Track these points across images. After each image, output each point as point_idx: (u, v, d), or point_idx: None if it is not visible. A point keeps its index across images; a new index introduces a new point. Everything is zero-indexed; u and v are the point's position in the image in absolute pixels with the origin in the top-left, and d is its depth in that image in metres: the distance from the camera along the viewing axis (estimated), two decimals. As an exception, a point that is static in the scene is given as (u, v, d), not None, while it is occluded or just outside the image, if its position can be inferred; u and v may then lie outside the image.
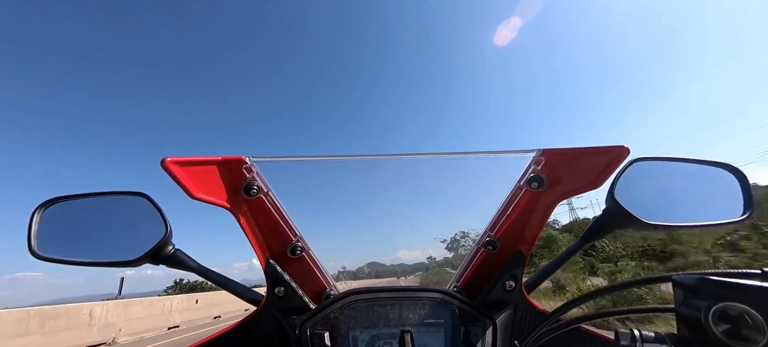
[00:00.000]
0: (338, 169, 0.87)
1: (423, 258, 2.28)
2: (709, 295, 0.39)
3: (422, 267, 2.36)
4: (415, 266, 2.31)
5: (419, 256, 2.23)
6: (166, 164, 0.65)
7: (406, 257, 2.09)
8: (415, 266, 2.31)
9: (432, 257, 2.19)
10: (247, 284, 0.86)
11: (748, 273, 0.43)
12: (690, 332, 0.41)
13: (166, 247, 0.70)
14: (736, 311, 0.36)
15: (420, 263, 2.33)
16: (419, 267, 2.36)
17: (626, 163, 0.68)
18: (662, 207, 0.69)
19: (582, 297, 0.59)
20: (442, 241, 1.94)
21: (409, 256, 2.07)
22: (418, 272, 2.37)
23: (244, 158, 0.72)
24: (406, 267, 2.23)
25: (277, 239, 0.79)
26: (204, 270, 0.77)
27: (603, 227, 0.70)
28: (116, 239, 0.74)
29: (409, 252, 1.92)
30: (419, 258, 2.27)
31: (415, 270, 2.34)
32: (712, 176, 0.71)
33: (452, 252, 1.97)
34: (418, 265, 2.33)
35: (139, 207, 0.71)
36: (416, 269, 2.35)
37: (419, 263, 2.33)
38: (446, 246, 2.04)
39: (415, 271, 2.34)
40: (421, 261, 2.30)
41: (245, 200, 0.74)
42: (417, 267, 2.34)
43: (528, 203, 0.76)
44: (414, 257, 2.15)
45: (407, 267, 2.23)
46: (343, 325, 0.71)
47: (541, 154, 0.73)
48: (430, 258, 2.24)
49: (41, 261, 0.69)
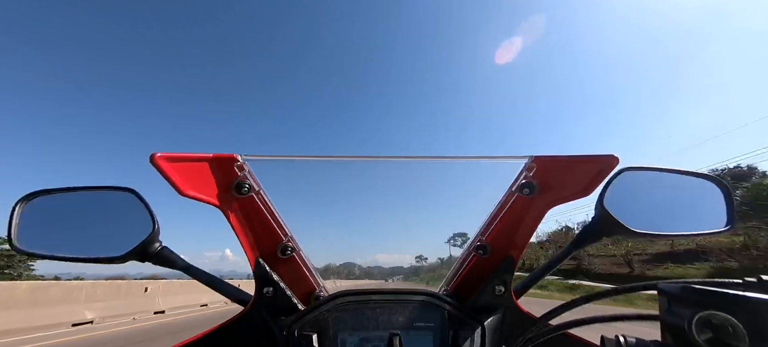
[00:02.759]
0: (332, 169, 0.86)
1: (413, 260, 2.30)
2: (693, 304, 0.40)
3: (412, 269, 2.39)
4: (405, 267, 2.33)
5: (409, 258, 2.25)
6: (156, 159, 0.63)
7: (395, 259, 2.11)
8: (405, 267, 2.33)
9: (421, 256, 2.21)
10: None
11: (730, 283, 0.44)
12: (674, 339, 0.42)
13: (152, 244, 0.69)
14: (719, 320, 0.37)
15: (410, 264, 2.36)
16: (409, 269, 2.38)
17: (615, 172, 0.69)
18: (649, 216, 0.71)
19: (569, 303, 0.60)
20: (431, 243, 1.96)
21: (398, 258, 2.08)
22: (408, 273, 2.39)
23: (236, 155, 0.71)
24: (395, 269, 2.25)
25: (267, 239, 0.79)
26: (191, 269, 0.75)
27: (592, 234, 0.71)
28: (102, 235, 0.72)
29: (400, 254, 1.94)
30: (409, 260, 2.29)
31: (404, 271, 2.36)
32: (697, 187, 0.73)
33: (443, 254, 1.98)
34: (408, 266, 2.36)
35: (126, 203, 0.70)
36: (406, 270, 2.38)
37: (409, 264, 2.35)
38: (436, 248, 2.06)
39: (405, 272, 2.37)
40: (411, 262, 2.32)
41: (236, 198, 0.73)
42: (407, 269, 2.36)
43: (519, 209, 0.77)
44: (404, 258, 2.17)
45: (396, 269, 2.25)
46: (331, 327, 0.71)
47: (533, 161, 0.73)
48: (420, 257, 2.26)
49: (23, 255, 0.67)
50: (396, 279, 2.32)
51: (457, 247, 1.52)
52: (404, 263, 6.16)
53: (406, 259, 4.51)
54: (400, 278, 2.21)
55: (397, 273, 2.35)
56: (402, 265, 3.68)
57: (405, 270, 2.51)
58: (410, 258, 4.04)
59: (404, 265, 3.59)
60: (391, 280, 2.30)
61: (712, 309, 0.38)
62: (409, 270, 2.89)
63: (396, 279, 2.49)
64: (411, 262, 4.57)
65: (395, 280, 2.36)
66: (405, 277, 2.34)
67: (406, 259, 4.51)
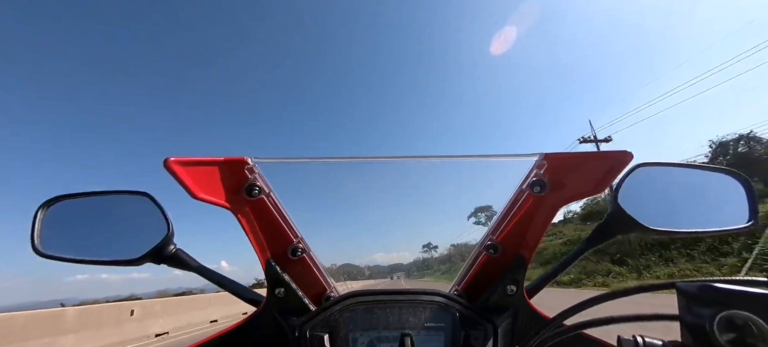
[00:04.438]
0: (341, 171, 0.87)
1: (422, 259, 2.30)
2: (713, 303, 0.38)
3: (422, 267, 2.38)
4: (415, 266, 2.32)
5: (419, 257, 2.25)
6: (169, 163, 0.65)
7: (405, 258, 2.10)
8: (416, 266, 2.33)
9: (431, 244, 2.19)
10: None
11: (751, 281, 0.42)
12: (694, 340, 0.40)
13: (167, 246, 0.70)
14: (741, 319, 0.36)
15: (420, 263, 2.35)
16: (420, 267, 2.37)
17: (629, 168, 0.68)
18: (666, 213, 0.69)
19: (584, 302, 0.59)
20: (442, 241, 1.95)
21: (407, 257, 2.08)
22: (419, 271, 2.39)
23: (247, 158, 0.72)
24: (404, 267, 2.24)
25: (278, 241, 0.79)
26: (204, 270, 0.77)
27: (606, 232, 0.70)
28: (118, 239, 0.74)
29: (410, 254, 1.93)
30: (418, 259, 2.29)
31: (415, 269, 2.35)
32: (715, 182, 0.71)
33: (453, 253, 1.97)
34: (419, 266, 2.35)
35: (142, 207, 0.71)
36: (417, 269, 2.37)
37: (420, 263, 2.35)
38: (446, 248, 2.05)
39: (416, 271, 2.36)
40: (421, 261, 2.32)
41: (247, 201, 0.74)
42: (418, 267, 2.35)
43: (530, 207, 0.76)
44: (413, 257, 2.16)
45: (405, 267, 2.24)
46: (342, 327, 0.71)
47: (544, 158, 0.72)
48: (428, 246, 2.25)
49: (43, 258, 0.69)
50: (407, 278, 2.24)
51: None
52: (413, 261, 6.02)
53: (416, 257, 4.41)
54: (411, 276, 2.14)
55: (403, 269, 2.26)
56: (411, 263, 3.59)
57: (415, 267, 2.43)
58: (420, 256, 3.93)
59: (413, 263, 3.50)
60: (402, 280, 2.24)
61: (733, 308, 0.36)
62: (420, 263, 2.78)
63: (407, 276, 2.42)
64: (420, 260, 4.44)
65: (407, 279, 2.29)
66: (415, 275, 2.26)
67: (416, 257, 4.41)
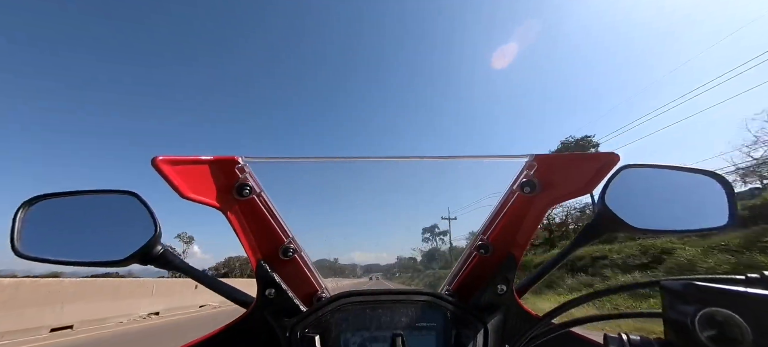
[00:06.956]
0: (333, 171, 0.86)
1: (412, 254, 2.31)
2: (695, 300, 0.40)
3: (412, 267, 2.38)
4: (405, 265, 2.33)
5: (408, 256, 2.26)
6: (157, 162, 0.63)
7: (395, 257, 2.11)
8: (406, 265, 2.33)
9: (419, 251, 2.21)
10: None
11: (732, 279, 0.44)
12: (677, 337, 0.42)
13: (154, 247, 0.69)
14: (722, 316, 0.37)
15: (410, 262, 2.36)
16: (410, 267, 2.38)
17: (616, 169, 0.69)
18: (650, 213, 0.71)
19: (572, 301, 0.60)
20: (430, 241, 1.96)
21: (398, 256, 2.08)
22: (409, 271, 2.39)
23: (237, 157, 0.71)
24: (394, 265, 2.24)
25: (268, 241, 0.79)
26: (192, 271, 0.76)
27: (594, 231, 0.72)
28: (104, 239, 0.72)
29: (401, 253, 1.94)
30: (408, 259, 2.30)
31: (405, 268, 2.36)
32: (698, 183, 0.73)
33: (444, 253, 1.98)
34: (408, 265, 2.36)
35: (128, 206, 0.70)
36: (407, 268, 2.37)
37: (410, 262, 2.36)
38: (436, 247, 2.06)
39: (406, 270, 2.36)
40: (411, 260, 2.33)
41: (237, 200, 0.73)
42: (408, 267, 2.35)
43: (520, 207, 0.77)
44: (404, 256, 2.17)
45: (395, 265, 2.24)
46: (334, 328, 0.71)
47: (534, 159, 0.74)
48: (416, 251, 2.26)
49: (24, 259, 0.67)
50: (397, 276, 2.24)
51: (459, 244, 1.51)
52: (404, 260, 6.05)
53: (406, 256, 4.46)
54: (400, 275, 2.14)
55: (396, 270, 2.27)
56: (401, 262, 3.64)
57: (405, 266, 2.45)
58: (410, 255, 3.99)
59: (404, 262, 3.54)
60: (394, 280, 2.23)
61: (715, 305, 0.38)
62: (410, 266, 2.82)
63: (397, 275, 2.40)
64: (411, 259, 4.50)
65: (397, 278, 2.28)
66: (406, 274, 2.27)
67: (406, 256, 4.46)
